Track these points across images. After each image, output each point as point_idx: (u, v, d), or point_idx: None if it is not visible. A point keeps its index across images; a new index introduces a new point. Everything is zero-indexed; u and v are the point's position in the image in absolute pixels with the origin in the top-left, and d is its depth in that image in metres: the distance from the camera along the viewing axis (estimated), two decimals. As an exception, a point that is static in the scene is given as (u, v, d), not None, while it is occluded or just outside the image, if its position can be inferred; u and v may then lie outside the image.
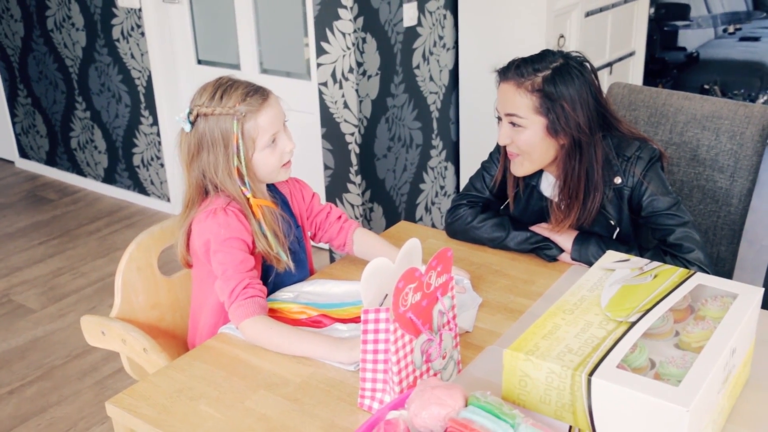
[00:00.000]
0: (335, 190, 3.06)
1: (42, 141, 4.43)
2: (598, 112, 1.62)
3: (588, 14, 3.25)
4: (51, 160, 4.44)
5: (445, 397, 1.07)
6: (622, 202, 1.66)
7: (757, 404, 1.23)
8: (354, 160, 2.95)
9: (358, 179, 2.98)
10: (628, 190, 1.65)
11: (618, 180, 1.64)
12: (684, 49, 4.62)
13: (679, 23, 4.54)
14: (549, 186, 1.74)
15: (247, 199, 1.51)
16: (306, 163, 3.23)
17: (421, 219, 3.38)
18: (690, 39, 4.90)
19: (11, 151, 4.65)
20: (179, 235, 1.56)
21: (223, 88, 1.49)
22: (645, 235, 1.73)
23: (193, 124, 1.50)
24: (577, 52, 1.64)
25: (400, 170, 3.18)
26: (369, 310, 1.19)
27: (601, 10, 3.36)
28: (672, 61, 4.47)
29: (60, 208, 4.08)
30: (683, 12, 4.55)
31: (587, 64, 1.62)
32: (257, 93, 1.50)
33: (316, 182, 3.15)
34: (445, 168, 3.43)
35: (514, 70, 1.60)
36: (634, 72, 3.80)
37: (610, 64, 3.53)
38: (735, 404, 1.23)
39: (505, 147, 1.71)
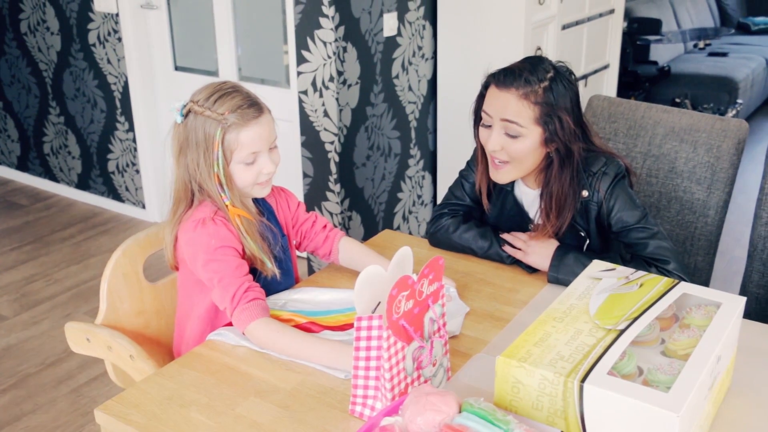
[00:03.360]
0: (314, 198, 3.07)
1: (13, 146, 4.37)
2: (580, 121, 1.65)
3: (564, 27, 3.31)
4: (23, 165, 4.38)
5: (439, 404, 1.08)
6: (589, 215, 1.69)
7: (738, 410, 1.26)
8: (333, 168, 2.96)
9: (337, 187, 2.99)
10: (594, 205, 1.67)
11: (585, 193, 1.67)
12: (656, 62, 4.72)
13: (651, 38, 4.63)
14: (523, 193, 1.77)
15: (226, 206, 1.52)
16: (285, 171, 3.23)
17: (398, 228, 3.39)
18: (661, 53, 5.01)
19: (-19, 156, 4.59)
20: (167, 238, 1.55)
21: (221, 92, 1.49)
22: (616, 248, 1.75)
23: (185, 117, 1.50)
24: (560, 61, 1.66)
25: (378, 179, 3.19)
26: (362, 318, 1.20)
27: (576, 23, 3.42)
28: (644, 75, 4.56)
29: (32, 213, 4.03)
30: (655, 26, 4.64)
31: (573, 75, 1.65)
32: (251, 108, 1.49)
33: (295, 190, 3.13)
34: (423, 177, 3.46)
35: (522, 80, 1.57)
36: (608, 84, 3.87)
37: (585, 77, 3.59)
38: (718, 410, 1.26)
39: (482, 154, 1.72)
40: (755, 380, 1.33)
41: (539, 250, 1.69)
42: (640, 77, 4.53)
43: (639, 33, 4.60)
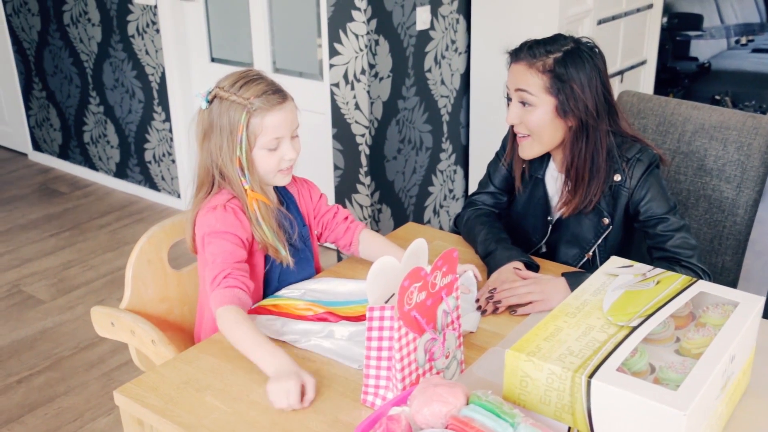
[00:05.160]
0: (345, 190, 3.09)
1: (55, 134, 4.47)
2: (605, 99, 1.64)
3: (600, 22, 3.27)
4: (64, 154, 4.48)
5: (447, 395, 1.09)
6: (618, 201, 1.68)
7: (755, 412, 1.24)
8: (364, 161, 2.98)
9: (367, 180, 3.00)
10: (626, 191, 1.67)
11: (617, 177, 1.66)
12: (696, 59, 4.62)
13: (692, 33, 4.54)
14: (553, 179, 1.76)
15: (245, 190, 1.54)
16: (316, 163, 3.26)
17: (429, 221, 3.40)
18: (702, 49, 4.90)
19: (25, 144, 4.70)
20: (188, 223, 1.59)
21: (247, 79, 1.52)
22: (637, 243, 1.74)
23: (210, 103, 1.53)
24: (587, 38, 1.66)
25: (409, 172, 3.20)
26: (374, 308, 1.21)
27: (613, 18, 3.38)
28: (683, 71, 4.48)
29: (71, 201, 4.12)
30: (696, 22, 4.55)
31: (597, 50, 1.65)
32: (276, 94, 1.52)
33: (326, 182, 3.18)
34: (455, 171, 3.45)
35: (526, 51, 1.62)
36: (645, 81, 3.81)
37: (621, 72, 3.55)
38: (734, 411, 1.24)
39: (513, 134, 1.72)
40: (774, 381, 1.31)
41: (551, 289, 1.57)
42: (679, 74, 4.44)
43: (679, 29, 4.51)
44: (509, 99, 1.68)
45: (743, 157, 1.91)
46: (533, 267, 1.67)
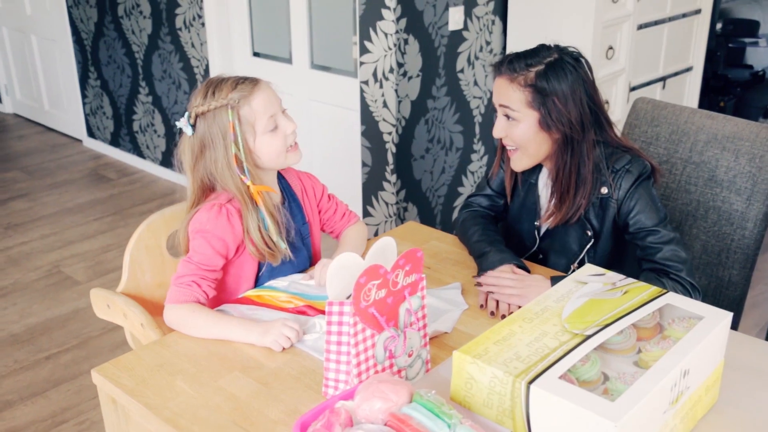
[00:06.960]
0: (371, 187, 3.11)
1: (108, 122, 4.63)
2: (591, 109, 1.61)
3: (640, 27, 3.21)
4: (115, 141, 4.64)
5: (389, 392, 1.10)
6: (606, 213, 1.65)
7: (719, 429, 1.22)
8: (390, 159, 3.00)
9: (393, 178, 3.02)
10: (614, 203, 1.64)
11: (604, 190, 1.64)
12: (750, 67, 4.48)
13: (747, 40, 4.40)
14: (545, 186, 1.75)
15: (247, 187, 1.57)
16: (345, 160, 3.30)
17: (457, 222, 3.39)
18: (761, 57, 4.74)
19: (80, 130, 4.88)
20: (181, 229, 1.63)
21: (213, 84, 1.55)
22: (632, 254, 1.71)
23: (194, 127, 1.56)
24: (573, 47, 1.64)
25: (437, 172, 3.20)
26: (333, 303, 1.23)
27: (656, 23, 3.31)
28: (735, 79, 4.34)
29: (118, 187, 4.26)
30: (751, 28, 4.41)
31: (582, 60, 1.62)
32: (247, 80, 1.56)
33: (354, 178, 3.21)
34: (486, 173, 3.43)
35: (506, 65, 1.61)
36: (690, 88, 3.72)
37: (663, 79, 3.47)
38: (695, 427, 1.22)
39: (502, 143, 1.73)
40: (744, 398, 1.28)
41: (532, 287, 1.58)
42: (731, 81, 4.31)
43: (734, 35, 4.37)
44: (496, 111, 1.68)
45: (755, 169, 1.86)
46: (525, 271, 1.67)
